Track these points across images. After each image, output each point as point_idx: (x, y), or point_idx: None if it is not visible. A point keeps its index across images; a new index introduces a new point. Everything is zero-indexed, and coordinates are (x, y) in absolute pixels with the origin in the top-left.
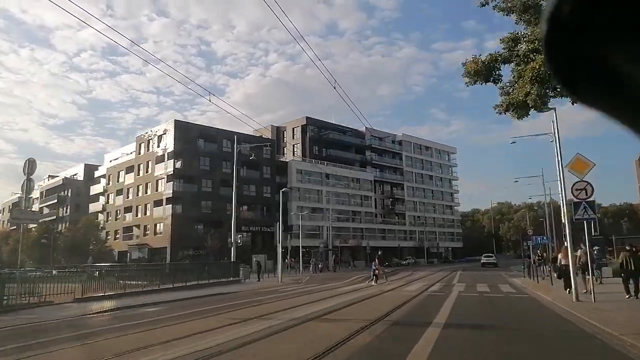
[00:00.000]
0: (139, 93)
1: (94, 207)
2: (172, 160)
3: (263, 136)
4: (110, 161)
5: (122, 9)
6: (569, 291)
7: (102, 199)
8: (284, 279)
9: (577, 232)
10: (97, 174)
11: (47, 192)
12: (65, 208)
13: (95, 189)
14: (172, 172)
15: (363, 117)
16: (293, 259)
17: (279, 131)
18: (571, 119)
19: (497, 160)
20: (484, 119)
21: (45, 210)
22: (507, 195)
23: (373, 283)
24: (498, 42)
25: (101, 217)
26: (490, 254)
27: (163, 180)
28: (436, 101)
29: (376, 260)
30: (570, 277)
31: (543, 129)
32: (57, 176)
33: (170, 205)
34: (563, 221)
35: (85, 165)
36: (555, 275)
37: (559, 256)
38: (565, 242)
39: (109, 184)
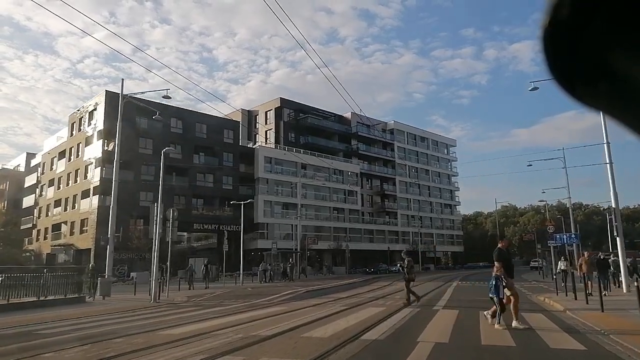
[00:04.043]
0: None
1: (27, 201)
2: (102, 141)
3: (233, 119)
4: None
5: (124, 16)
6: None
7: (37, 192)
8: (177, 294)
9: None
10: (33, 162)
11: None
12: (3, 204)
13: (29, 180)
14: (100, 156)
15: (348, 95)
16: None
17: (250, 115)
18: (570, 127)
19: (499, 165)
20: (484, 125)
21: None
22: (511, 200)
23: (499, 325)
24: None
25: (36, 212)
26: (537, 259)
27: (92, 166)
28: (436, 108)
29: (496, 255)
30: None
31: (541, 139)
32: None
33: (98, 196)
34: None
35: (27, 154)
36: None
37: None
38: None
39: (42, 173)
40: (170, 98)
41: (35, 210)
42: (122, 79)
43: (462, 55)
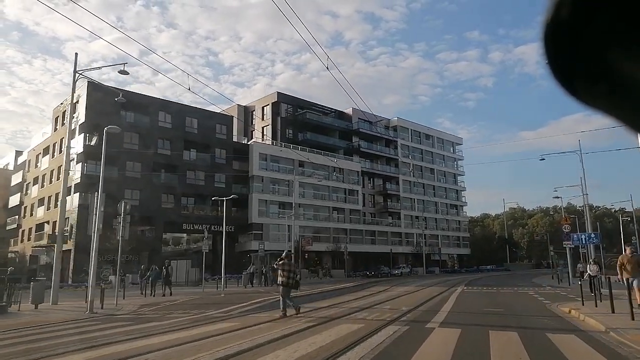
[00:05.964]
0: None
1: (14, 200)
2: (83, 135)
3: (227, 114)
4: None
5: (131, 21)
6: None
7: (23, 190)
8: (133, 301)
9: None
10: (20, 160)
11: None
12: None
13: (15, 179)
14: (81, 151)
15: (357, 95)
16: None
17: (247, 112)
18: (577, 129)
19: (506, 167)
20: (490, 128)
21: None
22: (519, 202)
23: None
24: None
25: (22, 211)
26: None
27: (74, 161)
28: (442, 110)
29: None
30: None
31: (548, 142)
32: None
33: (78, 194)
34: None
35: (16, 151)
36: None
37: None
38: None
39: (28, 171)
40: (128, 74)
41: (21, 209)
42: (76, 53)
43: (468, 58)
